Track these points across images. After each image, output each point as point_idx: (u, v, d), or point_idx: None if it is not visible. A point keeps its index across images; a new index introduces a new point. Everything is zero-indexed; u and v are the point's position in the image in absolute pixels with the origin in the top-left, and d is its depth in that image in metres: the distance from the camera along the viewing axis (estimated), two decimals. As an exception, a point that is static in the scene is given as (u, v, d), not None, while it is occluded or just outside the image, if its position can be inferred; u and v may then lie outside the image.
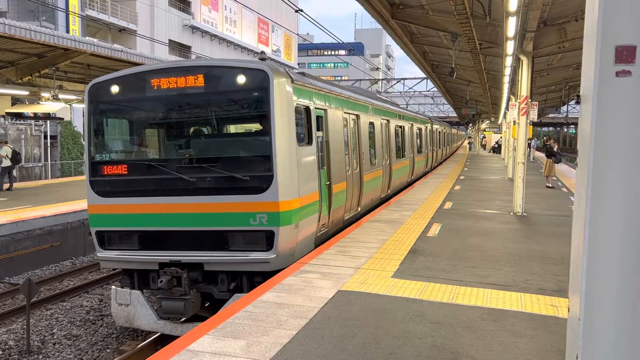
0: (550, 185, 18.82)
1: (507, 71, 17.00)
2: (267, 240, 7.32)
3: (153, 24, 44.05)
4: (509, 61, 14.84)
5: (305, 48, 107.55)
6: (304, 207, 7.89)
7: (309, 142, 8.50)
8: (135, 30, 40.21)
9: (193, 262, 7.49)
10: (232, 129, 9.10)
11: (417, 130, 22.45)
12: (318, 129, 9.08)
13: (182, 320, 7.76)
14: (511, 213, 12.79)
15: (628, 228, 2.41)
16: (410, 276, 7.07)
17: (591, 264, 2.46)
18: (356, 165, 11.73)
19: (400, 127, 18.20)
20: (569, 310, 2.69)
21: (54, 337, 8.87)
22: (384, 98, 19.36)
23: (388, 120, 15.84)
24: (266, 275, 7.27)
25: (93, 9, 38.18)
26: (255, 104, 7.75)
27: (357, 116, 12.06)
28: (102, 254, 8.06)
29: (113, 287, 8.15)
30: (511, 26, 10.57)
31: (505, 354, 4.67)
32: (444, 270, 7.43)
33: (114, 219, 7.92)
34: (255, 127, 8.40)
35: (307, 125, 8.52)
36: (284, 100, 7.47)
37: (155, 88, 7.76)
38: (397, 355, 4.61)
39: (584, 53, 2.58)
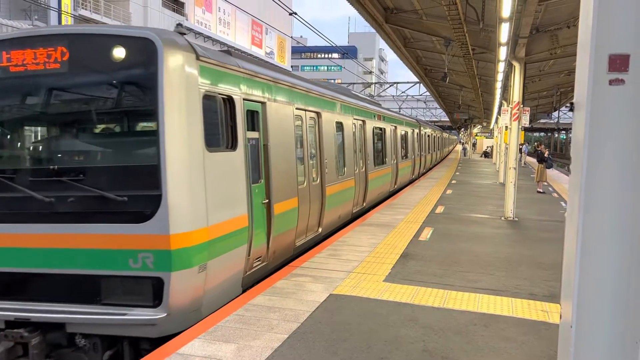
0: (541, 191, 18.93)
1: (500, 77, 17.11)
2: (153, 291, 5.16)
3: (146, 25, 43.93)
4: (501, 67, 14.94)
5: (299, 51, 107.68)
6: (218, 239, 5.77)
7: (232, 147, 6.30)
8: (128, 31, 40.01)
9: (50, 322, 5.24)
10: (106, 126, 6.21)
11: (402, 134, 20.55)
12: (251, 129, 6.94)
13: None
14: (502, 218, 12.85)
15: (621, 234, 2.43)
16: (401, 280, 7.07)
17: (584, 270, 2.47)
18: (316, 176, 9.64)
19: (380, 129, 16.21)
20: (560, 317, 2.70)
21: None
22: (361, 96, 17.17)
23: (364, 121, 13.77)
24: (157, 341, 5.18)
25: (86, 9, 38.00)
26: (137, 88, 5.60)
27: (318, 114, 9.86)
28: None
29: None
30: (504, 32, 10.64)
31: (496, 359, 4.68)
32: (436, 274, 7.44)
33: None
34: (138, 123, 6.09)
35: (230, 122, 6.32)
36: (181, 83, 5.37)
37: (2, 66, 5.52)
38: (388, 360, 4.60)
39: (578, 61, 2.60)
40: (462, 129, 71.94)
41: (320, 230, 9.85)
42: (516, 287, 6.92)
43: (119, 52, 5.27)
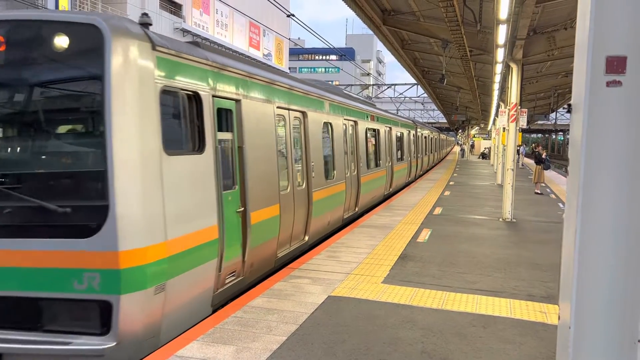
0: (538, 192, 18.97)
1: (497, 78, 17.15)
2: (101, 317, 4.55)
3: (144, 27, 43.84)
4: (498, 68, 14.98)
5: (297, 53, 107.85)
6: (180, 254, 5.16)
7: (198, 149, 5.65)
8: (126, 33, 39.97)
9: None
10: (47, 126, 5.18)
11: (398, 135, 20.01)
12: (223, 129, 6.30)
13: None
14: (500, 219, 12.87)
15: (619, 235, 2.44)
16: (400, 282, 7.08)
17: (582, 271, 2.48)
18: (301, 181, 9.05)
19: (374, 130, 15.63)
20: (559, 318, 2.71)
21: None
22: (353, 95, 16.49)
23: (355, 122, 13.15)
24: None
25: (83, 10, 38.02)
26: (81, 82, 4.89)
27: (303, 114, 9.20)
28: None
29: None
30: (501, 34, 10.67)
31: (495, 361, 4.69)
32: (434, 276, 7.45)
33: None
34: (82, 123, 5.25)
35: (196, 122, 5.67)
36: (133, 76, 4.72)
37: None
38: (387, 362, 4.60)
39: (575, 63, 2.61)
40: (460, 131, 72.11)
41: (306, 238, 9.26)
42: (514, 288, 6.93)
43: (61, 41, 4.63)
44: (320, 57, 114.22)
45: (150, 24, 5.50)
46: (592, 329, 2.46)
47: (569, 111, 2.58)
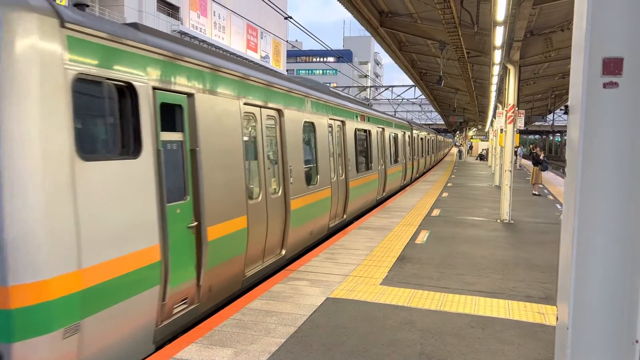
0: (536, 193, 19.00)
1: (495, 80, 17.20)
2: None
3: (141, 29, 43.81)
4: (496, 70, 15.01)
5: (294, 55, 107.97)
6: (102, 285, 4.21)
7: (132, 153, 4.71)
8: (123, 35, 39.96)
9: None
10: None
11: (392, 136, 19.03)
12: (170, 128, 5.34)
13: None
14: (498, 220, 12.89)
15: (616, 237, 2.44)
16: (398, 283, 7.08)
17: (580, 271, 2.49)
18: (277, 187, 8.12)
19: (365, 131, 14.62)
20: (557, 319, 2.71)
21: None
22: (342, 94, 15.39)
23: (343, 122, 12.15)
24: None
25: (81, 13, 37.98)
26: None
27: (279, 112, 8.21)
28: None
29: None
30: (498, 35, 10.70)
31: (493, 362, 4.69)
32: (432, 277, 7.45)
33: None
34: None
35: (129, 119, 4.70)
36: (29, 59, 3.73)
37: None
38: (385, 363, 4.61)
39: (572, 64, 2.62)
40: (458, 132, 72.24)
41: (283, 252, 8.33)
42: (512, 290, 6.94)
43: None
44: (318, 59, 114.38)
45: (87, 5, 4.77)
46: (590, 330, 2.46)
47: (566, 112, 2.60)
